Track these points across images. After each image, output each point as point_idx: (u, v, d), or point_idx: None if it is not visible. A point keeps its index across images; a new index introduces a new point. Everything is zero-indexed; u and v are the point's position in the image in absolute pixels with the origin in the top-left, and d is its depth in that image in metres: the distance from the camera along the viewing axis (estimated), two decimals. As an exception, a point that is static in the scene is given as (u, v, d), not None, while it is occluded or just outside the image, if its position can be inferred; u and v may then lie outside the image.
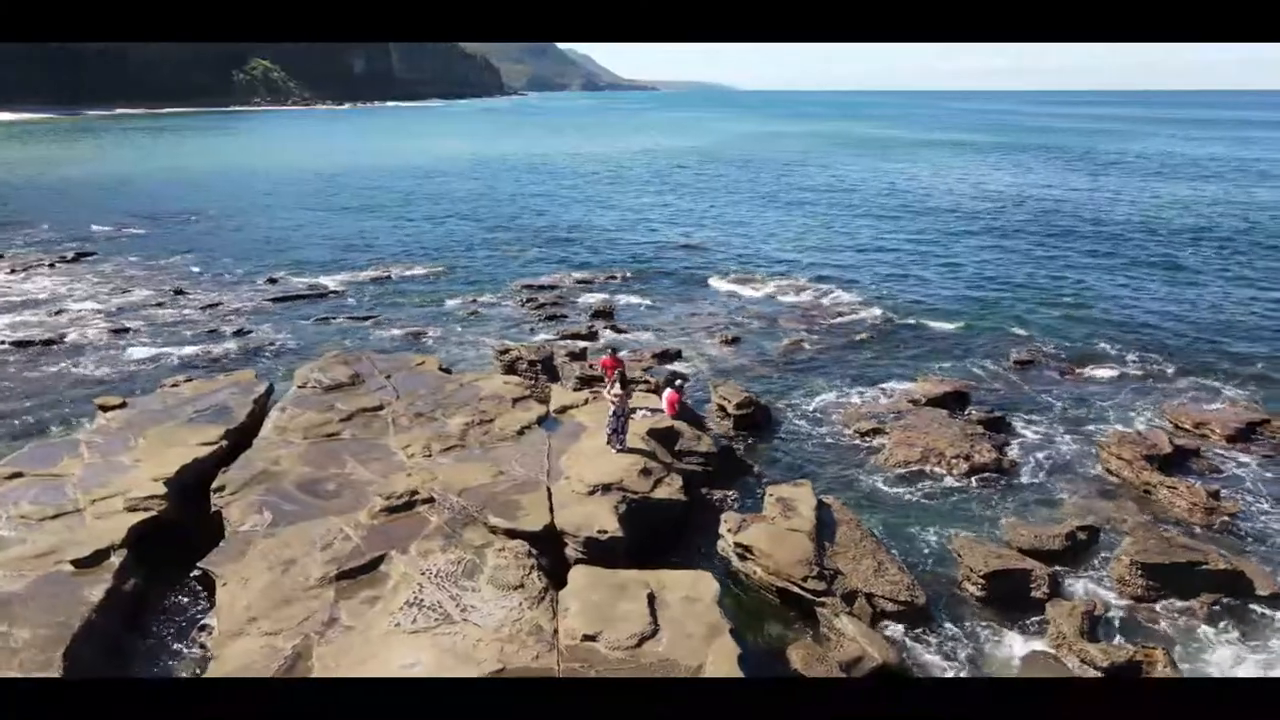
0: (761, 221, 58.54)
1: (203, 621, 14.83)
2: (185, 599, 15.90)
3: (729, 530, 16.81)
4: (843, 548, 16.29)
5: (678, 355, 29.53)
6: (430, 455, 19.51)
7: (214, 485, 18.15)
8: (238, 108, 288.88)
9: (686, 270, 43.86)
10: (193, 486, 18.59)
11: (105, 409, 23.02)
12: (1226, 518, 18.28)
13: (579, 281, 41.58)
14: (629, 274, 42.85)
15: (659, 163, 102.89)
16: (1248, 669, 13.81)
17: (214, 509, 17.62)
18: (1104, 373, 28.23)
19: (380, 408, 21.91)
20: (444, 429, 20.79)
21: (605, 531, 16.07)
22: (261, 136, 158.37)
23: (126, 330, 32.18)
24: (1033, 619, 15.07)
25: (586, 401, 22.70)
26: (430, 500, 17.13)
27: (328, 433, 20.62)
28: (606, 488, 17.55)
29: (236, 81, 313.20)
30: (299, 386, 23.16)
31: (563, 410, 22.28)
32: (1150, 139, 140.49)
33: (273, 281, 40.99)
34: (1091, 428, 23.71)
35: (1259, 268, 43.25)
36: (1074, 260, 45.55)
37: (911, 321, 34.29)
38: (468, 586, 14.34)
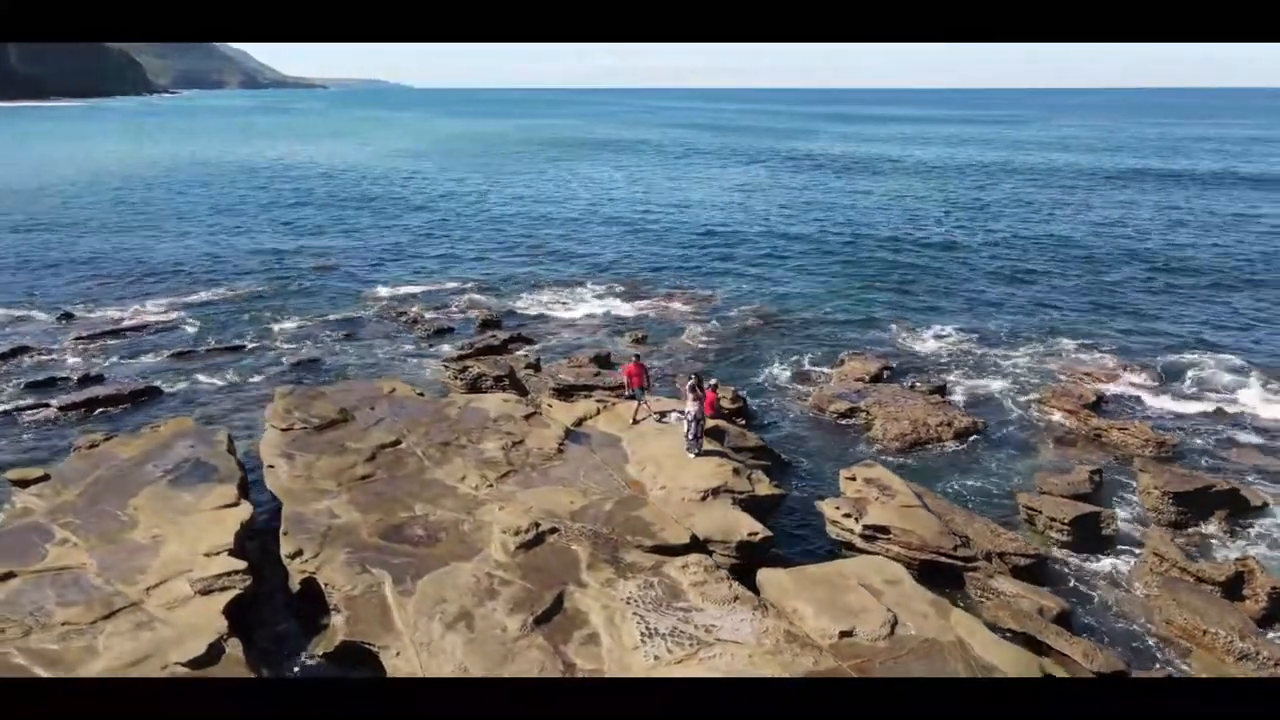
0: (555, 227, 57.87)
1: (387, 700, 13.02)
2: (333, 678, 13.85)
3: (845, 516, 17.62)
4: (946, 517, 17.79)
5: (608, 359, 29.47)
6: (492, 485, 18.31)
7: (287, 551, 15.86)
8: None
9: (525, 276, 43.08)
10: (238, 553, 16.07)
11: (24, 483, 18.88)
12: (1172, 449, 22.23)
13: (428, 291, 39.65)
14: (472, 282, 41.49)
15: (400, 165, 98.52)
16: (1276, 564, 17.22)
17: (302, 575, 15.42)
18: (968, 336, 32.36)
19: (398, 442, 20.02)
20: (483, 455, 19.52)
21: (756, 533, 16.24)
22: None
23: (-68, 389, 25.99)
24: (1125, 552, 17.55)
25: (599, 412, 22.31)
26: (555, 530, 16.22)
27: (360, 475, 18.59)
28: (715, 491, 17.63)
29: None
30: (282, 429, 20.44)
31: (579, 423, 21.73)
32: (835, 139, 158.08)
33: (69, 317, 34.75)
34: (1007, 382, 27.34)
35: (1017, 245, 51.21)
36: (852, 245, 50.99)
37: (779, 311, 36.59)
38: (687, 607, 13.97)
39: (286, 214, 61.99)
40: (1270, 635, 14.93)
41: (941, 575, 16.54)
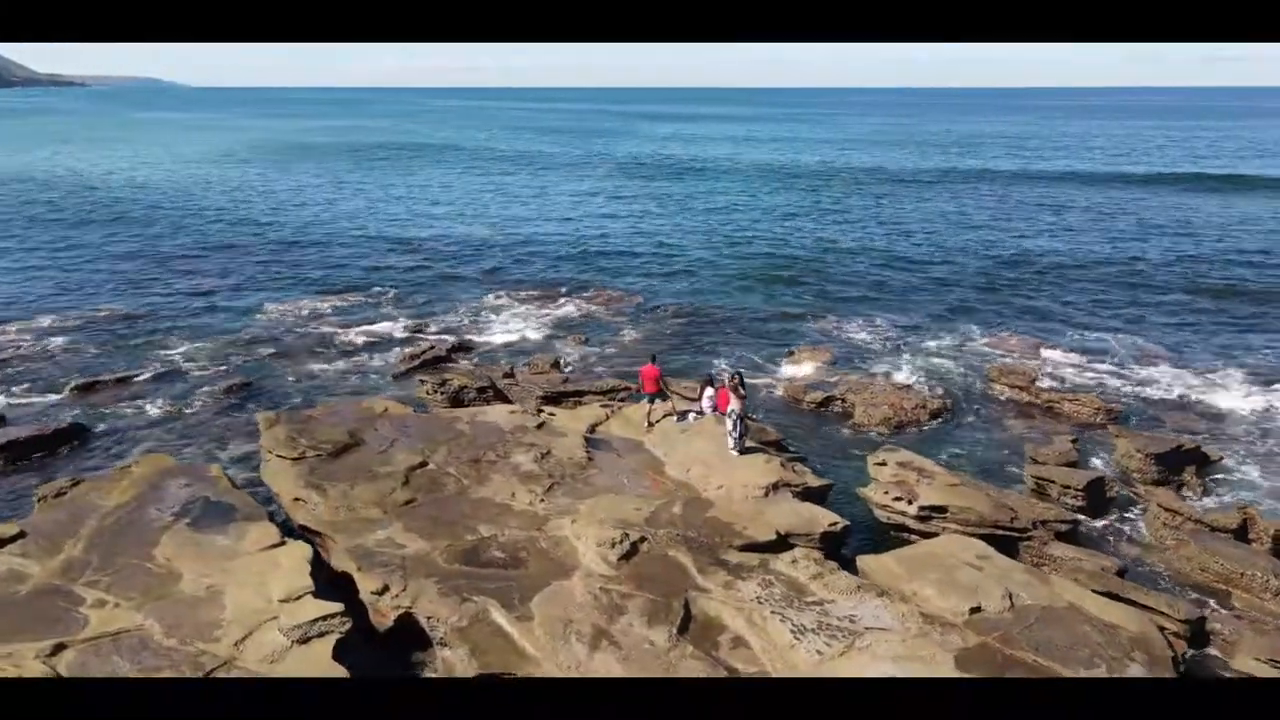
0: (428, 234, 55.96)
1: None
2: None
3: (895, 500, 18.38)
4: (980, 490, 18.94)
5: (558, 362, 29.02)
6: (544, 499, 17.77)
7: (372, 588, 14.79)
8: None
9: (426, 285, 41.49)
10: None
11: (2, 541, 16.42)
12: (1119, 415, 24.65)
13: (336, 308, 37.39)
14: (374, 295, 39.51)
15: (223, 173, 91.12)
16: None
17: (396, 611, 14.38)
18: (892, 325, 34.32)
19: (425, 463, 18.95)
20: (520, 470, 18.89)
21: (836, 524, 16.64)
22: None
23: None
24: (1132, 510, 19.36)
25: (608, 417, 22.06)
26: (644, 538, 15.96)
27: (403, 501, 17.53)
28: (775, 486, 17.93)
29: None
30: (293, 458, 18.81)
31: (592, 429, 21.44)
32: (664, 140, 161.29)
33: (-79, 350, 30.22)
34: (949, 364, 29.27)
35: (887, 240, 54.55)
36: (738, 245, 52.81)
37: (701, 308, 37.17)
38: (818, 600, 14.18)
39: (114, 229, 56.02)
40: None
41: (997, 544, 17.56)
